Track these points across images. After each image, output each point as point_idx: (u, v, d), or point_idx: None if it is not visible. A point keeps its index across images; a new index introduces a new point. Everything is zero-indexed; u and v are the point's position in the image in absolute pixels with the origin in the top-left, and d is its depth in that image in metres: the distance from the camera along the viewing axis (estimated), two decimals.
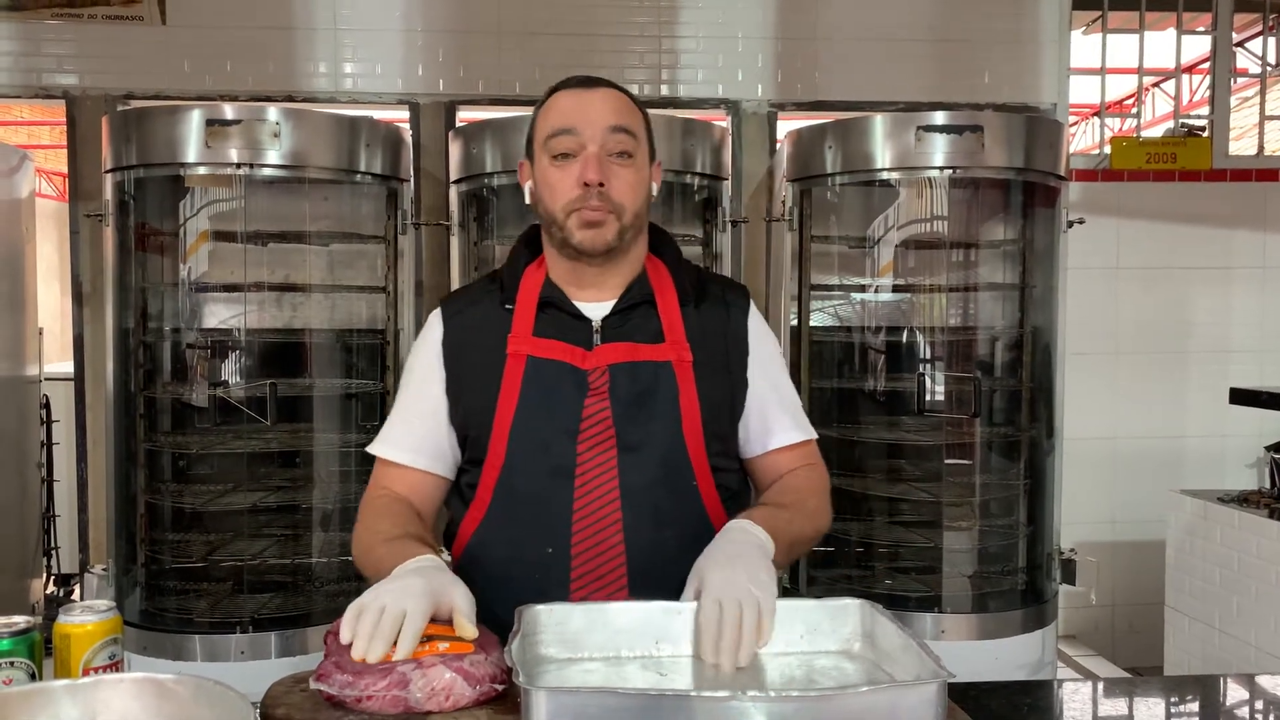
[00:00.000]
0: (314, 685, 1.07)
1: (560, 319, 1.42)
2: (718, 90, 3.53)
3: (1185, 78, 5.58)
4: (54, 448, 3.63)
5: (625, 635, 1.16)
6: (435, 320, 1.49)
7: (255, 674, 2.59)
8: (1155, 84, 6.11)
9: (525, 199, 1.46)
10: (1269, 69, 4.12)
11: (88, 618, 1.10)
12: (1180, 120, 3.98)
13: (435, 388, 1.45)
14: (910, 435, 3.06)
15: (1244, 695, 1.38)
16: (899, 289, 3.12)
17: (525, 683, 0.95)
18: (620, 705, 0.94)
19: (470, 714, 1.05)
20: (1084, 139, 6.54)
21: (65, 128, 3.37)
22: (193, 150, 2.71)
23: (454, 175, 3.10)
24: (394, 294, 3.04)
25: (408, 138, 3.13)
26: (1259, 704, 1.34)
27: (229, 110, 2.73)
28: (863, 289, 3.16)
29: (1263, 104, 4.11)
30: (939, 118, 2.84)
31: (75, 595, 3.72)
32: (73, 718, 0.98)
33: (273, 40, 3.38)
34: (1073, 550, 3.11)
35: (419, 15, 3.43)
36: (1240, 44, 4.66)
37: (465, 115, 3.45)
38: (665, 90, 3.51)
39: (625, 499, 1.36)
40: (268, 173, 2.75)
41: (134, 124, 2.81)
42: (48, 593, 3.67)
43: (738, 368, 1.46)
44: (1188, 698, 1.38)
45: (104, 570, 2.90)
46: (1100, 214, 3.75)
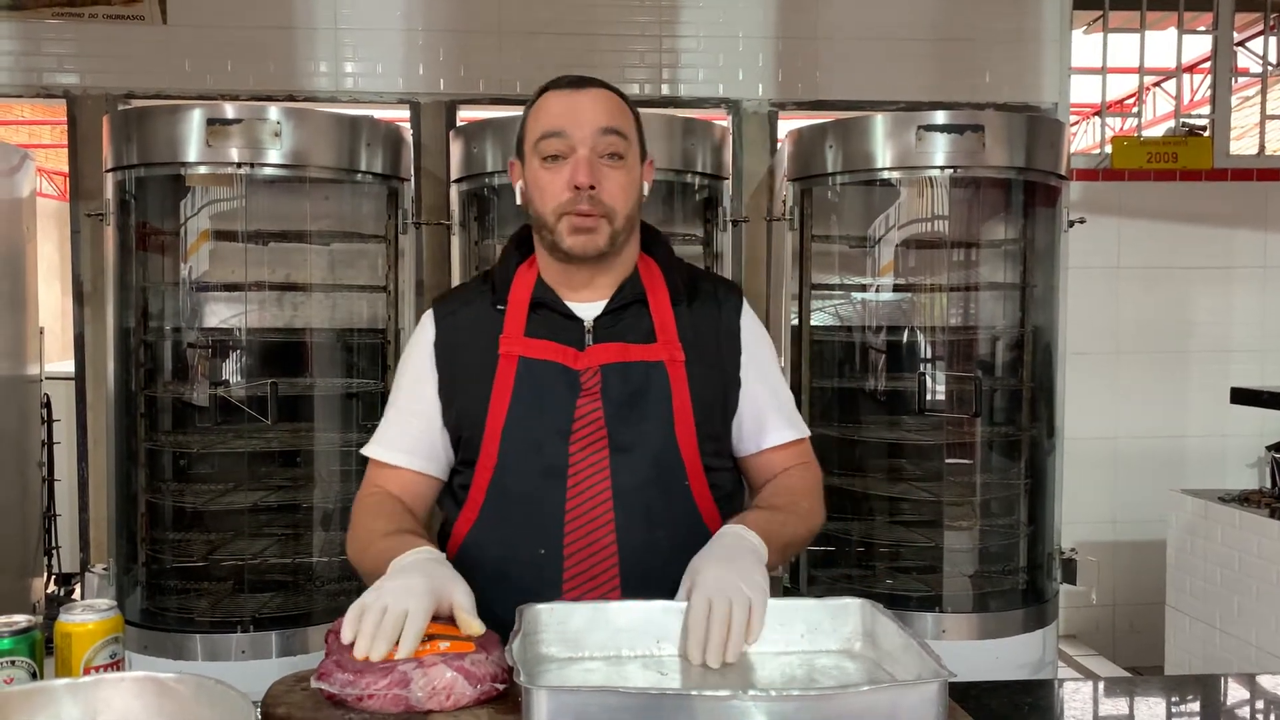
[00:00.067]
0: (315, 684, 1.07)
1: (552, 319, 1.42)
2: (718, 90, 3.53)
3: (1186, 77, 5.59)
4: (55, 447, 3.64)
5: (626, 634, 1.16)
6: (427, 321, 1.49)
7: (256, 673, 2.59)
8: (1156, 83, 6.11)
9: (516, 199, 1.46)
10: (1270, 68, 4.12)
11: (89, 617, 1.11)
12: (1181, 120, 3.98)
13: (428, 389, 1.45)
14: (911, 435, 3.05)
15: (1245, 695, 1.38)
16: (900, 288, 3.12)
17: (526, 682, 0.95)
18: (621, 704, 0.94)
19: (471, 713, 1.05)
20: (1085, 138, 6.53)
21: (66, 127, 3.37)
22: (193, 150, 2.71)
23: (455, 175, 3.10)
24: (395, 293, 3.04)
25: (408, 137, 3.13)
26: (1260, 704, 1.34)
27: (230, 110, 2.73)
28: (863, 288, 3.16)
29: (1264, 103, 4.11)
30: (940, 117, 2.84)
31: (76, 594, 3.72)
32: (74, 717, 0.98)
33: (273, 40, 3.39)
34: (1073, 550, 3.11)
35: (420, 15, 3.43)
36: (1241, 43, 4.66)
37: (466, 115, 3.45)
38: (666, 89, 3.51)
39: (617, 499, 1.36)
40: (268, 172, 2.75)
41: (135, 123, 2.81)
42: (49, 592, 3.67)
43: (731, 367, 1.45)
44: (1188, 697, 1.38)
45: (105, 569, 2.90)
46: (1101, 213, 3.75)
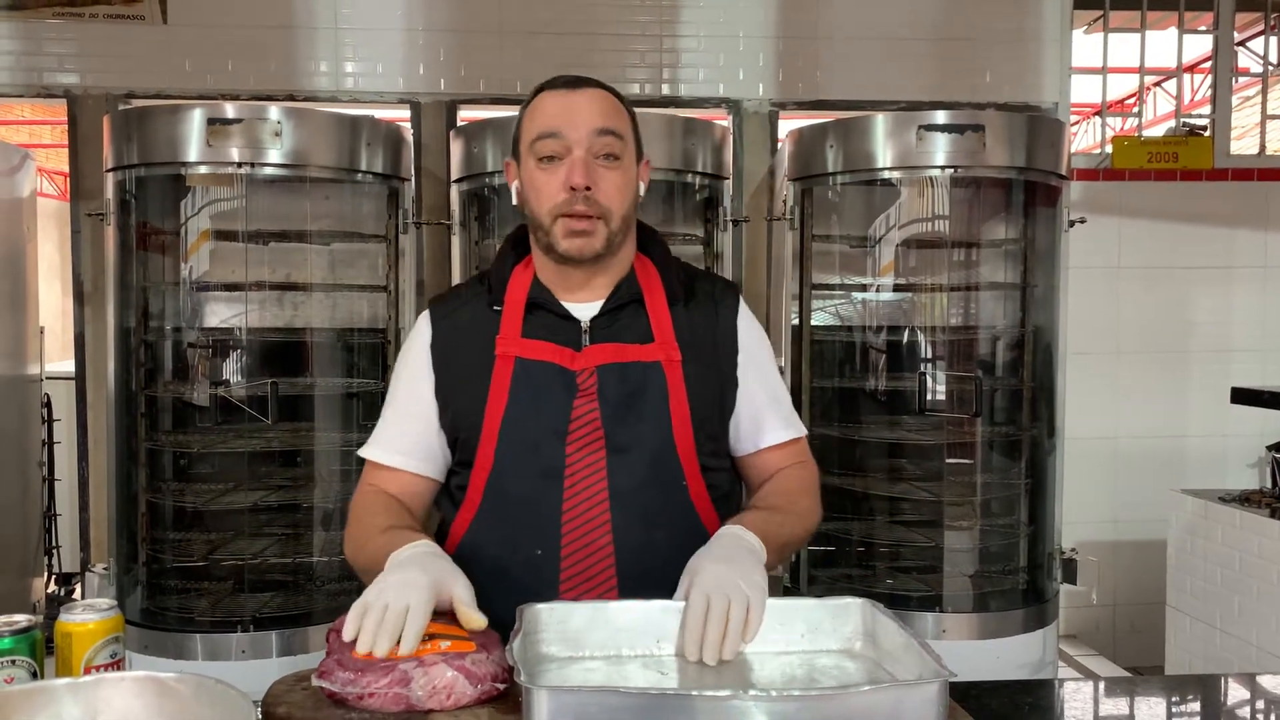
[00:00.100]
0: (316, 683, 1.07)
1: (549, 320, 1.41)
2: (719, 89, 3.53)
3: (1187, 77, 5.58)
4: (55, 446, 3.64)
5: (626, 634, 1.16)
6: (424, 322, 1.48)
7: (256, 673, 2.59)
8: (1157, 83, 6.11)
9: (512, 199, 1.45)
10: (1270, 68, 4.12)
11: (89, 616, 1.11)
12: (1182, 119, 3.97)
13: (425, 390, 1.44)
14: (911, 435, 3.05)
15: (1245, 695, 1.38)
16: (900, 288, 3.12)
17: (527, 681, 0.95)
18: (622, 704, 0.93)
19: (472, 713, 1.05)
20: (1085, 138, 6.53)
21: (66, 127, 3.37)
22: (194, 149, 2.71)
23: (455, 174, 3.10)
24: (395, 293, 3.04)
25: (409, 137, 3.12)
26: (1260, 704, 1.34)
27: (230, 109, 2.73)
28: (864, 288, 3.16)
29: (1264, 103, 4.11)
30: (940, 117, 2.84)
31: (77, 594, 3.72)
32: (74, 716, 0.98)
33: (274, 39, 3.38)
34: (1074, 550, 3.11)
35: (420, 14, 3.43)
36: (1242, 43, 4.66)
37: (466, 114, 3.45)
38: (666, 89, 3.51)
39: (614, 500, 1.35)
40: (269, 172, 2.75)
41: (135, 123, 2.81)
42: (49, 591, 3.68)
43: (728, 366, 1.45)
44: (1189, 697, 1.38)
45: (105, 569, 2.90)
46: (1101, 213, 3.75)
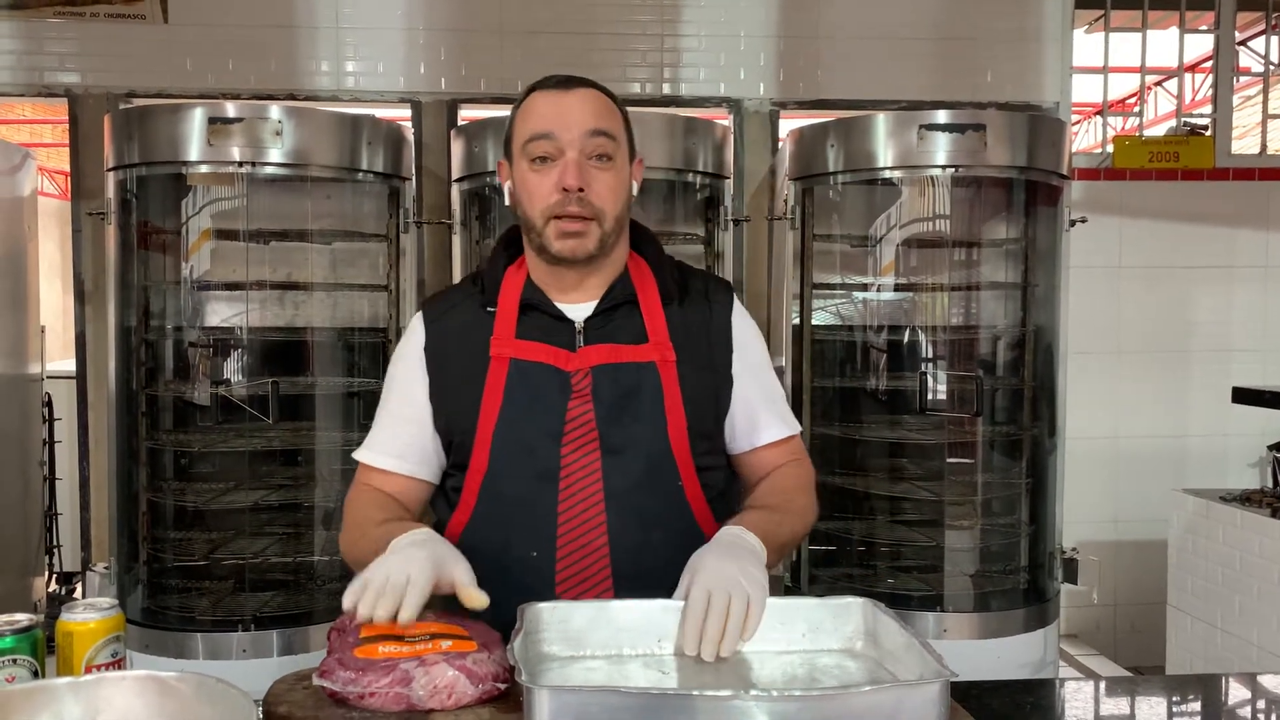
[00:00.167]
0: (317, 681, 1.07)
1: (542, 321, 1.41)
2: (720, 89, 3.52)
3: (1188, 76, 5.57)
4: (56, 446, 3.64)
5: (627, 633, 1.16)
6: (417, 324, 1.48)
7: (257, 672, 2.59)
8: (1158, 83, 6.11)
9: (505, 199, 1.45)
10: (1272, 68, 4.11)
11: (90, 615, 1.11)
12: (1183, 119, 3.97)
13: (419, 392, 1.44)
14: (912, 434, 3.05)
15: (1246, 695, 1.38)
16: (901, 288, 3.11)
17: (528, 681, 0.95)
18: (622, 704, 0.93)
19: (473, 712, 1.05)
20: (1086, 138, 6.53)
21: (67, 126, 3.37)
22: (195, 148, 2.71)
23: (456, 174, 3.10)
24: (396, 292, 3.04)
25: (410, 136, 3.12)
26: (1261, 703, 1.34)
27: (231, 109, 2.73)
28: (865, 288, 3.16)
29: (1265, 103, 4.11)
30: (941, 116, 2.83)
31: (77, 593, 3.72)
32: (75, 715, 0.98)
33: (275, 39, 3.38)
34: (1075, 549, 3.11)
35: (421, 14, 3.43)
36: (1243, 43, 4.66)
37: (467, 114, 3.45)
38: (667, 89, 3.51)
39: (609, 502, 1.35)
40: (270, 171, 2.75)
41: (136, 122, 2.80)
42: (50, 591, 3.68)
43: (722, 365, 1.45)
44: (1189, 697, 1.38)
45: (106, 568, 2.90)
46: (1102, 213, 3.74)
